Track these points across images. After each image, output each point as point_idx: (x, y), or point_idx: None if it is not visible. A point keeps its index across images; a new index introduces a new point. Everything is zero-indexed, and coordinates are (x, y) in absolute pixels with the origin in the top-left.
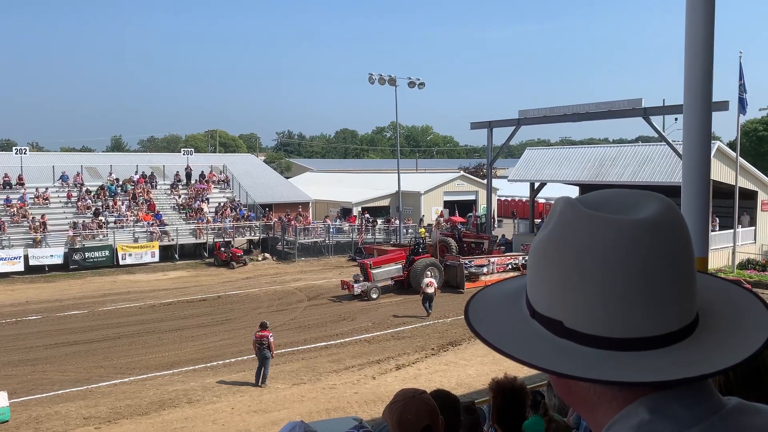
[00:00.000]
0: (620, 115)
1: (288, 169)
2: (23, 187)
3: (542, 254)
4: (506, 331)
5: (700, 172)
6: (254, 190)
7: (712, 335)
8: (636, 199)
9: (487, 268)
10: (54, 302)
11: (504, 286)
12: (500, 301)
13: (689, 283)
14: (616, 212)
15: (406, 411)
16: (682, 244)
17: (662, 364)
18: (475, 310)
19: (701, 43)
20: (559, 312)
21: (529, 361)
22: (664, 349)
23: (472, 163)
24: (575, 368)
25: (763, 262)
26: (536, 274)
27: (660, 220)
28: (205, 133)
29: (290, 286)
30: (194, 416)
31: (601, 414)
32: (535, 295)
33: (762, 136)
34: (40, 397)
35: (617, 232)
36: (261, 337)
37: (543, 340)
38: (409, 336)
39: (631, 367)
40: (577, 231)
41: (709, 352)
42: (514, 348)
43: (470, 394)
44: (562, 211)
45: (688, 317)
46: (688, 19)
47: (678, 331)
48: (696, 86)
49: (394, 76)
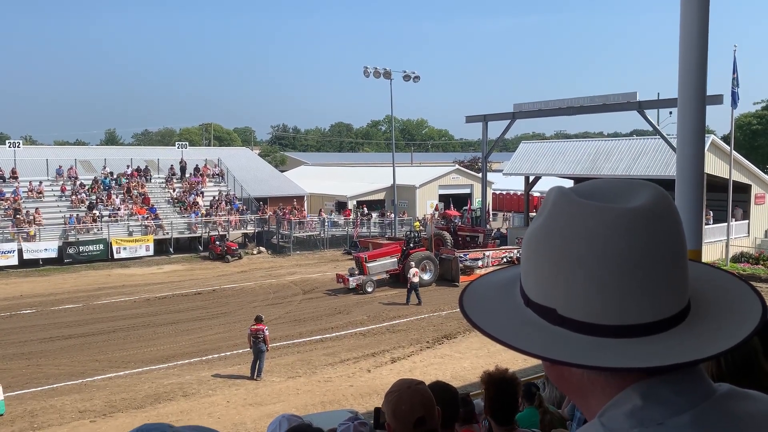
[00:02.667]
0: (615, 108)
1: (283, 162)
2: (17, 181)
3: (536, 243)
4: (501, 320)
5: (693, 166)
6: (249, 184)
7: (704, 322)
8: (629, 188)
9: (482, 262)
10: (48, 296)
11: (498, 275)
12: (495, 289)
13: (681, 271)
14: (608, 201)
15: (400, 401)
16: (675, 233)
17: (654, 351)
18: (469, 299)
19: (695, 36)
20: (552, 300)
21: (524, 348)
22: (656, 335)
23: (467, 156)
24: (568, 355)
25: (756, 255)
26: (530, 262)
27: (652, 209)
28: (199, 126)
29: (285, 280)
30: (190, 409)
31: (595, 400)
32: (529, 284)
33: (756, 130)
34: (35, 391)
35: (610, 221)
36: (256, 331)
37: (537, 327)
38: (404, 329)
39: (624, 353)
40: (570, 219)
41: (701, 338)
42: (509, 335)
43: (465, 387)
44: (555, 200)
45: (680, 304)
46: (682, 13)
47: (670, 318)
48: (690, 80)
49: (389, 70)
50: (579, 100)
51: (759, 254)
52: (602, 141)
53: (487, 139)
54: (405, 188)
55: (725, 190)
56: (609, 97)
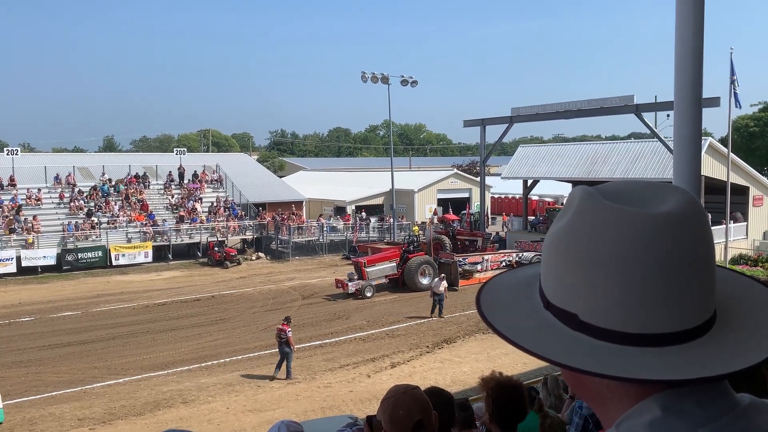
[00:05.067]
0: (612, 111)
1: (281, 168)
2: (15, 188)
3: (559, 244)
4: (519, 322)
5: (690, 168)
6: (247, 190)
7: (730, 333)
8: (657, 192)
9: (481, 266)
10: (47, 303)
11: (516, 275)
12: (513, 290)
13: (708, 280)
14: (636, 204)
15: (397, 407)
16: (704, 240)
17: (677, 362)
18: (487, 300)
19: (691, 39)
20: (574, 304)
21: (543, 354)
22: (679, 345)
23: (466, 160)
24: (588, 363)
25: (754, 257)
26: (552, 264)
27: (681, 215)
28: (197, 132)
29: (284, 285)
30: (189, 416)
31: (613, 409)
32: (550, 286)
33: (753, 132)
34: (34, 399)
35: (637, 226)
36: (280, 331)
37: (556, 331)
38: (403, 334)
39: (646, 363)
40: (596, 222)
41: (726, 350)
42: (527, 340)
43: (465, 392)
44: (580, 201)
45: (706, 314)
46: (678, 15)
47: (695, 328)
48: (686, 82)
49: (387, 75)
50: (577, 104)
51: (757, 256)
52: (600, 144)
53: (485, 143)
54: (404, 193)
55: (723, 193)
56: (606, 101)
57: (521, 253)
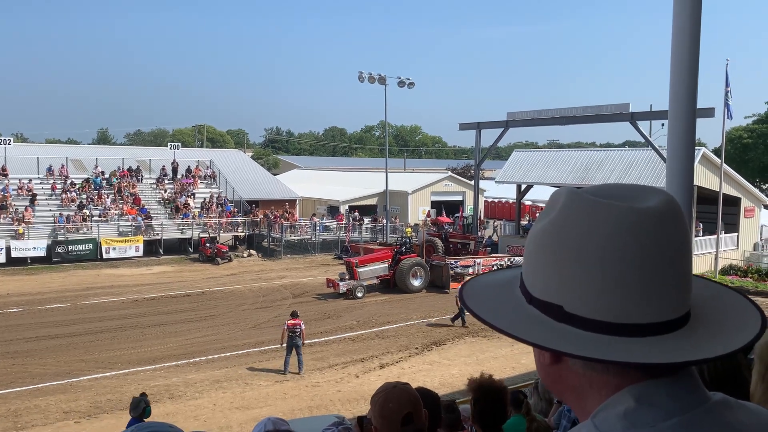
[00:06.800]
0: (608, 119)
1: (275, 165)
2: (7, 179)
3: (543, 239)
4: (504, 313)
5: (683, 178)
6: (241, 186)
7: (705, 327)
8: (640, 191)
9: (472, 269)
10: (36, 295)
11: (493, 276)
12: (494, 287)
13: (686, 275)
14: (620, 200)
15: (387, 400)
16: (682, 236)
17: (656, 350)
18: (470, 297)
19: (687, 49)
20: (558, 296)
21: (529, 339)
22: (660, 336)
23: (460, 163)
24: (574, 349)
25: (744, 268)
26: (536, 259)
27: (662, 211)
28: (192, 127)
29: (275, 284)
30: (176, 412)
31: (590, 402)
32: (534, 281)
33: (746, 144)
34: (20, 391)
35: (619, 218)
36: (293, 326)
37: (541, 324)
38: (393, 335)
39: (627, 350)
40: (582, 216)
41: (700, 341)
42: (514, 327)
43: (453, 394)
44: (566, 198)
45: (683, 308)
46: (674, 26)
47: (674, 320)
48: (681, 92)
49: (383, 75)
50: (572, 110)
51: (747, 267)
52: (594, 151)
53: (480, 146)
54: (397, 194)
55: (715, 203)
56: (602, 108)
57: (513, 258)
